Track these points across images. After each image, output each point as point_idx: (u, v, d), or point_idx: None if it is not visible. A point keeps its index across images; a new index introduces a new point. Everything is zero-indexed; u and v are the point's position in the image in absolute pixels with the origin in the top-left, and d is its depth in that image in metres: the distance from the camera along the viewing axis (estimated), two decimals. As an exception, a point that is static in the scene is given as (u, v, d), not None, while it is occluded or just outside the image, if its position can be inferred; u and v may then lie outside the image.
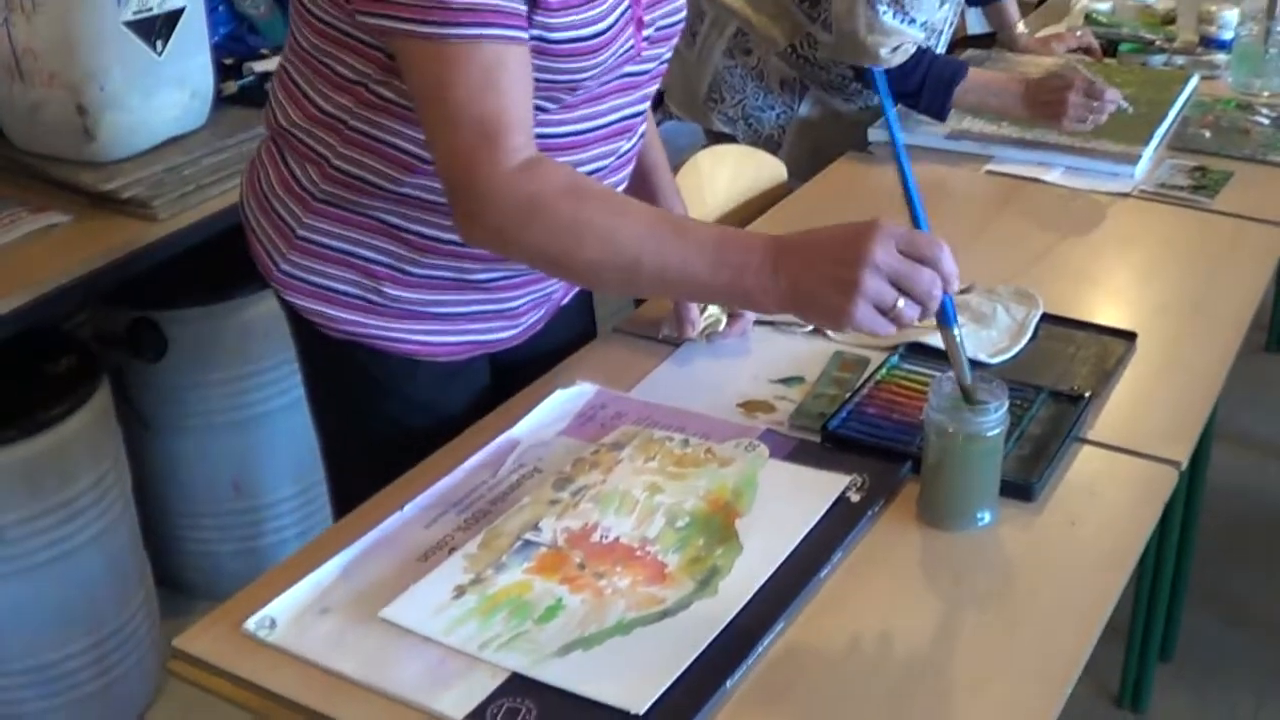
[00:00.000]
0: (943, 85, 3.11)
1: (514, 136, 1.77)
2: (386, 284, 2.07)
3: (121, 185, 2.99)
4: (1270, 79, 3.58)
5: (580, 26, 1.87)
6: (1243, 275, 2.61)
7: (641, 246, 1.75)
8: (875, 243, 1.67)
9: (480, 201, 1.77)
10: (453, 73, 1.76)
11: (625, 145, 2.12)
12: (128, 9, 2.98)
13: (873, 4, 3.04)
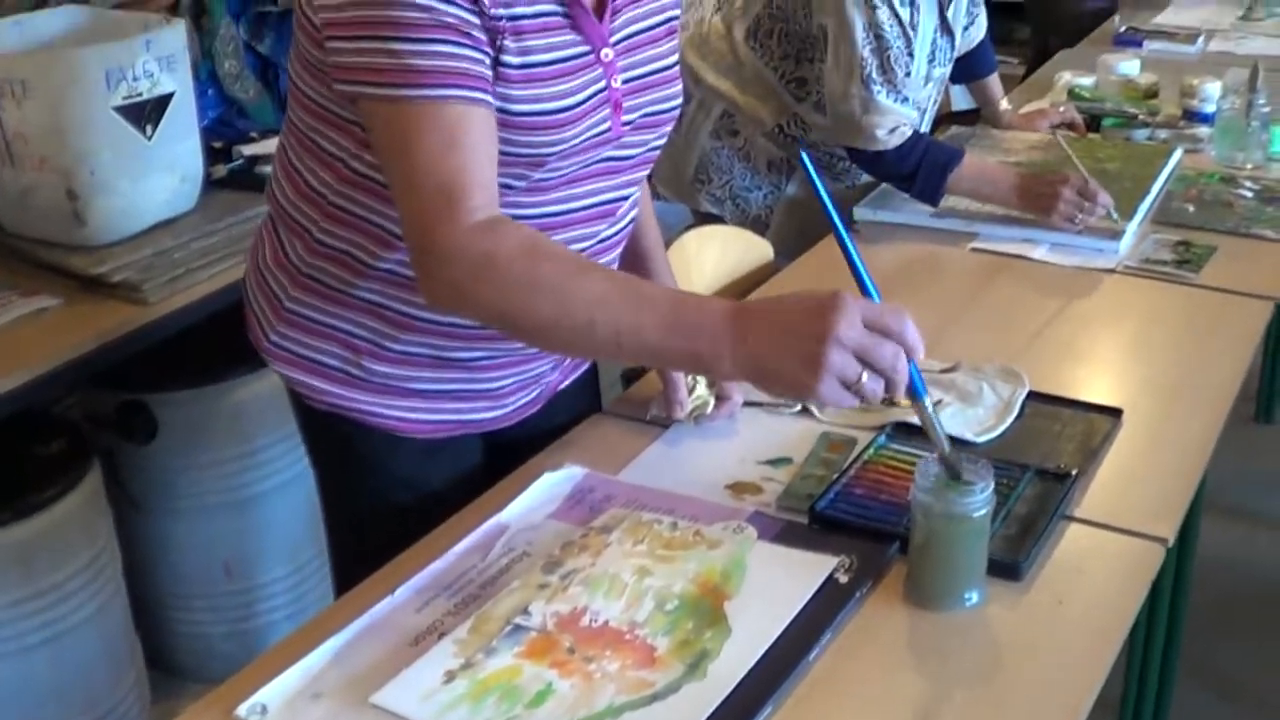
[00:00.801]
0: (938, 170, 3.14)
1: (474, 196, 1.78)
2: (367, 358, 2.10)
3: (112, 269, 2.99)
4: (1253, 152, 3.60)
5: (543, 100, 1.90)
6: (1228, 349, 2.63)
7: (595, 307, 1.74)
8: (840, 316, 1.66)
9: (437, 259, 1.79)
10: (415, 134, 1.79)
11: (606, 230, 2.13)
12: (118, 94, 3.00)
13: (868, 85, 3.07)
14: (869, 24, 3.04)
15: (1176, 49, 4.82)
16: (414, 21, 1.77)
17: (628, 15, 2.05)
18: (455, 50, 1.79)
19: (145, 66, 3.04)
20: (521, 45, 1.87)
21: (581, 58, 1.95)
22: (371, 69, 1.79)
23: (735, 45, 3.33)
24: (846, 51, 3.07)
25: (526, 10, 1.87)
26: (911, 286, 2.90)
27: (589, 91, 1.96)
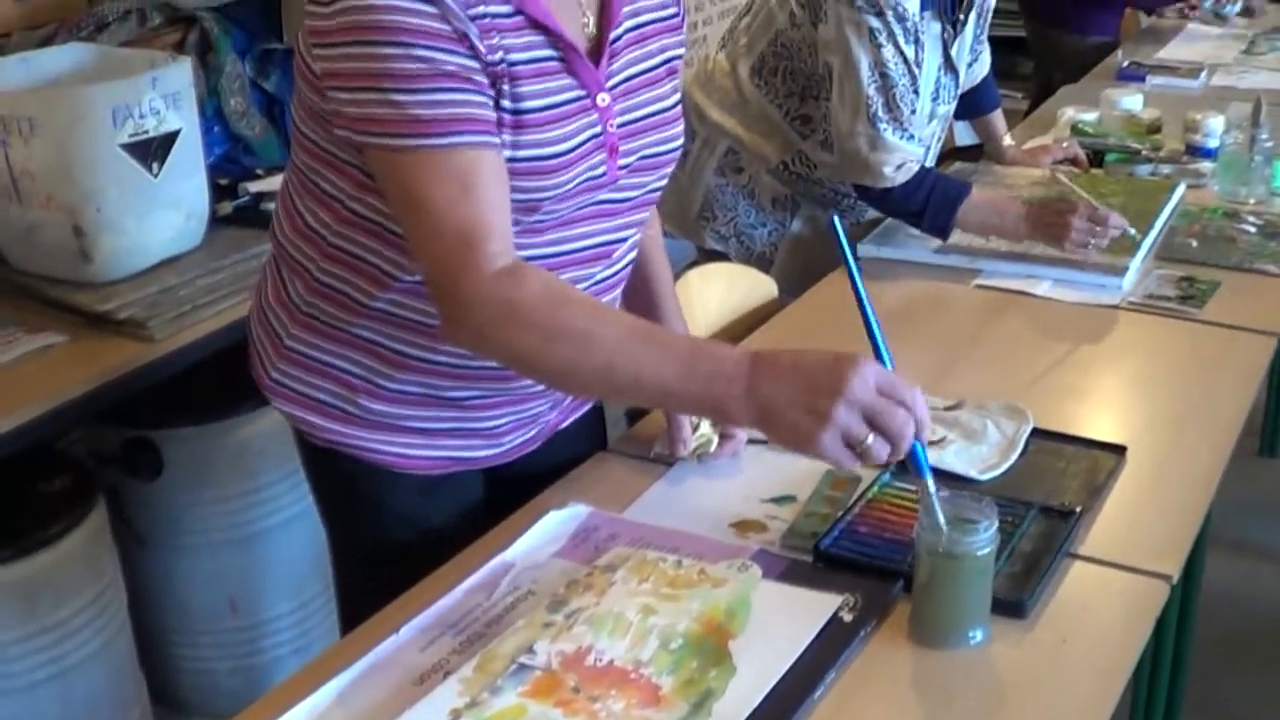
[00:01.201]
0: (947, 204, 3.15)
1: (493, 243, 1.82)
2: (363, 396, 2.11)
3: (117, 306, 3.00)
4: (1256, 187, 3.60)
5: (538, 146, 1.91)
6: (1232, 385, 2.63)
7: (615, 352, 1.79)
8: (855, 375, 1.71)
9: (463, 306, 1.82)
10: (428, 183, 1.81)
11: (602, 272, 2.13)
12: (124, 132, 3.01)
13: (874, 122, 3.08)
14: (874, 62, 3.05)
15: (1179, 83, 4.82)
16: (414, 73, 1.79)
17: (628, 58, 2.06)
18: (459, 96, 1.80)
19: (151, 104, 3.05)
20: (516, 91, 1.88)
21: (576, 102, 1.96)
22: (375, 120, 1.81)
23: (740, 82, 3.34)
24: (852, 89, 3.08)
25: (521, 56, 1.89)
26: (916, 323, 2.90)
27: (583, 136, 1.97)
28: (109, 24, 3.66)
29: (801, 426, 1.73)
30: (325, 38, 1.84)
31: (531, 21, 1.90)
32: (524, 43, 1.89)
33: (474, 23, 1.82)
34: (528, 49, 1.89)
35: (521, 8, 1.88)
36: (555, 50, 1.93)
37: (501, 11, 1.86)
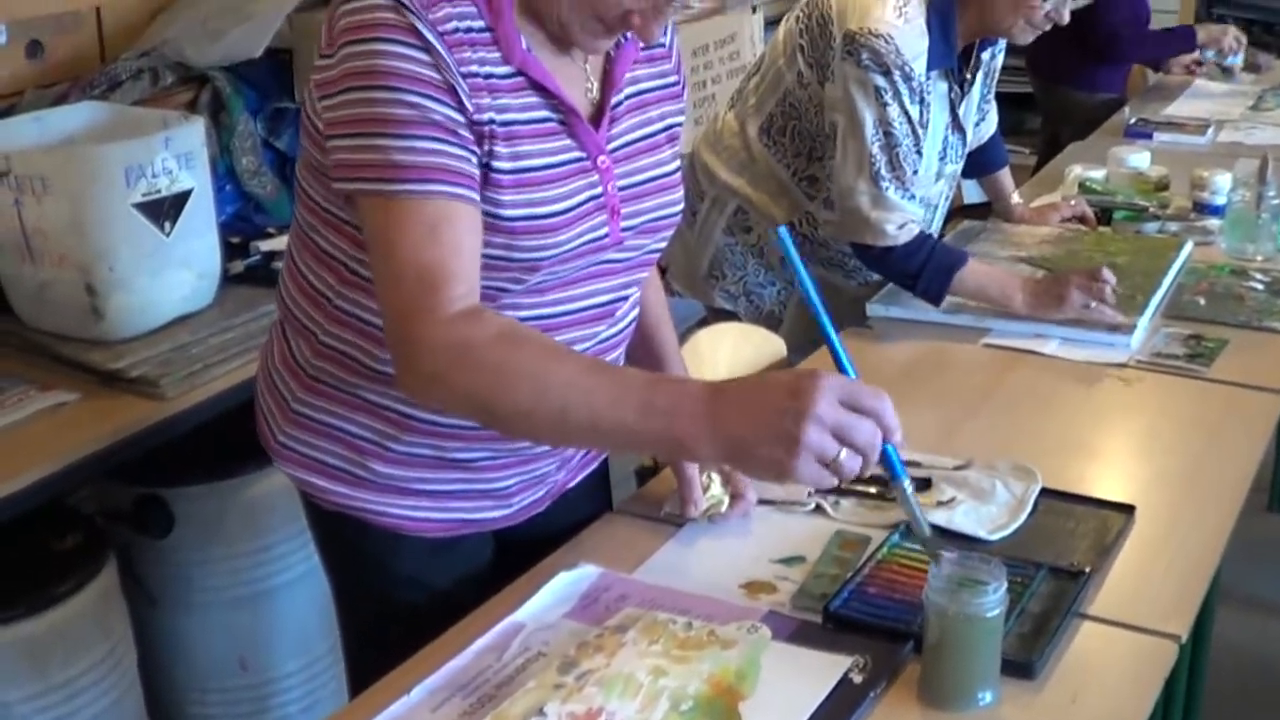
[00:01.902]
0: (943, 271, 3.15)
1: (454, 287, 1.81)
2: (372, 459, 2.12)
3: (129, 364, 3.01)
4: (1263, 244, 3.62)
5: (536, 205, 1.93)
6: (1240, 443, 2.64)
7: (570, 392, 1.76)
8: (818, 395, 1.67)
9: (415, 348, 1.82)
10: (398, 227, 1.83)
11: (606, 330, 2.15)
12: (136, 191, 3.03)
13: (876, 180, 3.09)
14: (879, 120, 3.07)
15: (1187, 140, 4.85)
16: (401, 118, 1.82)
17: (629, 123, 2.09)
18: (440, 147, 1.83)
19: (164, 164, 3.07)
20: (514, 150, 1.91)
21: (575, 163, 1.98)
22: (361, 165, 1.84)
23: (749, 142, 3.36)
24: (856, 146, 3.10)
25: (520, 116, 1.91)
26: (924, 383, 2.91)
27: (583, 196, 1.99)
28: (122, 82, 3.68)
29: (773, 458, 1.69)
30: (328, 88, 1.88)
31: (532, 83, 1.93)
32: (523, 103, 1.92)
33: (466, 80, 1.85)
34: (526, 110, 1.92)
35: (523, 69, 1.91)
36: (556, 113, 1.96)
37: (501, 72, 1.90)
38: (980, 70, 3.39)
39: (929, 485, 2.37)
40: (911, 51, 3.07)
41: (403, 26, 1.82)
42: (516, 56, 1.91)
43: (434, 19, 1.84)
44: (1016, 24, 3.16)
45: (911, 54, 3.07)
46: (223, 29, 3.84)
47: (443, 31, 1.84)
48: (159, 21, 4.02)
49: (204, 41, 3.83)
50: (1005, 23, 3.17)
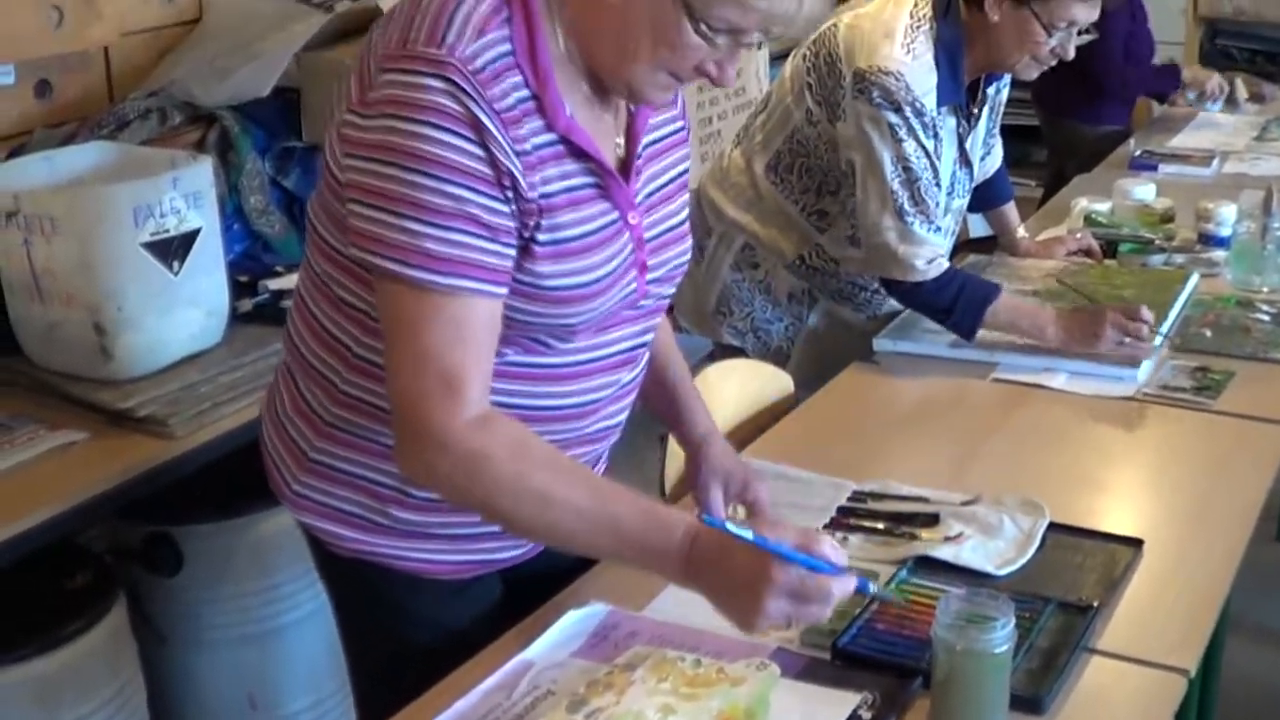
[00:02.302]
0: (976, 304, 3.16)
1: (473, 389, 1.85)
2: (392, 506, 2.11)
3: (138, 403, 3.01)
4: (1269, 275, 3.62)
5: (575, 274, 1.94)
6: (1247, 475, 2.65)
7: (577, 517, 1.86)
8: (769, 598, 1.80)
9: (434, 448, 1.85)
10: (425, 319, 1.84)
11: (627, 376, 2.17)
12: (145, 231, 3.03)
13: (901, 215, 3.11)
14: (896, 156, 3.09)
15: (1192, 172, 4.85)
16: (438, 208, 1.81)
17: (648, 173, 2.09)
18: (475, 241, 1.83)
19: (173, 203, 3.08)
20: (555, 221, 1.91)
21: (611, 226, 1.99)
22: (389, 243, 1.83)
23: (756, 179, 3.37)
24: (877, 184, 3.12)
25: (560, 185, 1.91)
26: (932, 418, 2.92)
27: (620, 259, 2.00)
28: (130, 122, 3.69)
29: (735, 621, 1.85)
30: (359, 149, 1.86)
31: (573, 150, 1.92)
32: (563, 171, 1.92)
33: (520, 159, 1.85)
34: (564, 178, 1.92)
35: (568, 136, 1.91)
36: (592, 176, 1.96)
37: (545, 140, 1.89)
38: (986, 105, 3.41)
39: (937, 521, 2.38)
40: (921, 87, 3.09)
41: (458, 115, 1.81)
42: (561, 123, 1.90)
43: (490, 97, 1.82)
44: (1022, 60, 3.18)
45: (921, 90, 3.08)
46: (230, 68, 3.85)
47: (499, 110, 1.83)
48: (167, 61, 4.03)
49: (212, 81, 3.84)
50: (1011, 59, 3.19)
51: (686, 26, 1.85)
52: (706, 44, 1.87)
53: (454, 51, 1.81)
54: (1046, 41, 3.11)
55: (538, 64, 1.87)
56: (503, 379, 1.98)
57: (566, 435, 2.09)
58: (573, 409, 2.09)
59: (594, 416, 2.13)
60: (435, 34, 1.82)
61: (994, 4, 3.10)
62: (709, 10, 1.84)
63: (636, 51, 1.89)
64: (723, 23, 1.85)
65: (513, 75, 1.85)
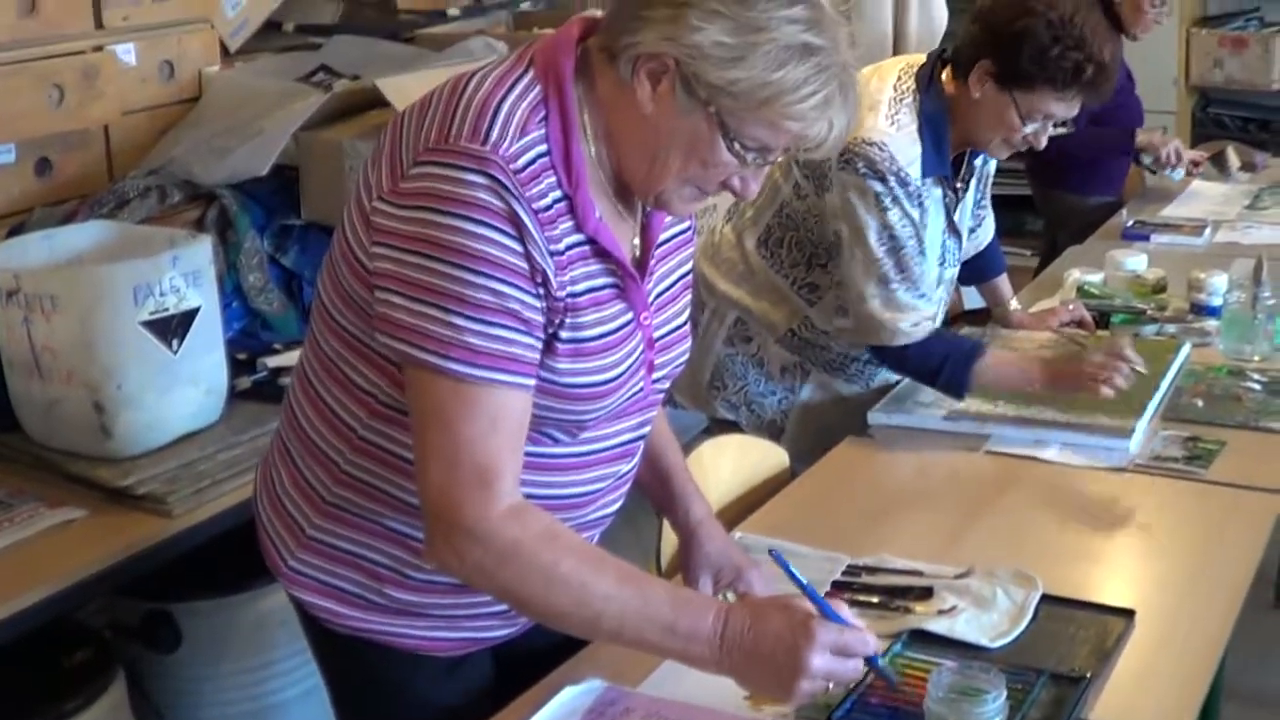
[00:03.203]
0: (963, 361, 3.19)
1: (505, 482, 1.88)
2: (389, 586, 2.12)
3: (137, 481, 3.02)
4: (1260, 344, 3.64)
5: (592, 373, 1.97)
6: (1238, 545, 2.66)
7: (607, 604, 1.89)
8: (813, 654, 1.87)
9: (465, 538, 1.87)
10: (461, 411, 1.86)
11: (625, 468, 2.19)
12: (145, 309, 3.05)
13: (886, 283, 3.14)
14: (882, 225, 3.12)
15: (1184, 241, 4.85)
16: (480, 302, 1.84)
17: (659, 273, 2.13)
18: (513, 335, 1.86)
19: (172, 282, 3.10)
20: (577, 320, 1.94)
21: (626, 326, 2.02)
22: (429, 335, 1.85)
23: (746, 254, 3.40)
24: (863, 253, 3.15)
25: (584, 285, 1.94)
26: (926, 491, 2.94)
27: (632, 360, 2.04)
28: (130, 200, 3.72)
29: (773, 693, 1.92)
30: (392, 238, 1.87)
31: (598, 250, 1.96)
32: (587, 272, 1.95)
33: (553, 258, 1.88)
34: (589, 278, 1.95)
35: (595, 237, 1.94)
36: (613, 277, 1.99)
37: (574, 240, 1.92)
38: (974, 176, 3.44)
39: (930, 594, 2.40)
40: (905, 157, 3.12)
41: (499, 212, 1.84)
42: (590, 225, 1.93)
43: (530, 196, 1.85)
44: (995, 141, 3.21)
45: (906, 160, 3.12)
46: (229, 147, 3.88)
47: (537, 209, 1.86)
48: (166, 140, 4.07)
49: (211, 159, 3.87)
50: (985, 137, 3.22)
51: (720, 145, 1.89)
52: (738, 161, 1.91)
53: (498, 149, 1.84)
54: (1021, 129, 3.14)
55: (571, 166, 1.90)
56: None
57: (567, 523, 2.10)
58: (574, 498, 2.12)
59: (593, 505, 2.16)
60: (479, 130, 1.85)
61: (978, 81, 3.13)
62: (743, 130, 1.88)
63: (667, 164, 1.92)
64: (755, 142, 1.90)
65: (549, 176, 1.88)
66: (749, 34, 1.82)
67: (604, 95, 1.94)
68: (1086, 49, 3.03)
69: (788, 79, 1.84)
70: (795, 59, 1.84)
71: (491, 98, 1.88)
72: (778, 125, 1.87)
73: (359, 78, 4.23)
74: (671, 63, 1.84)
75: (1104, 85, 3.10)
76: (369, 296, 1.92)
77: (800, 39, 1.84)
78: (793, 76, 1.84)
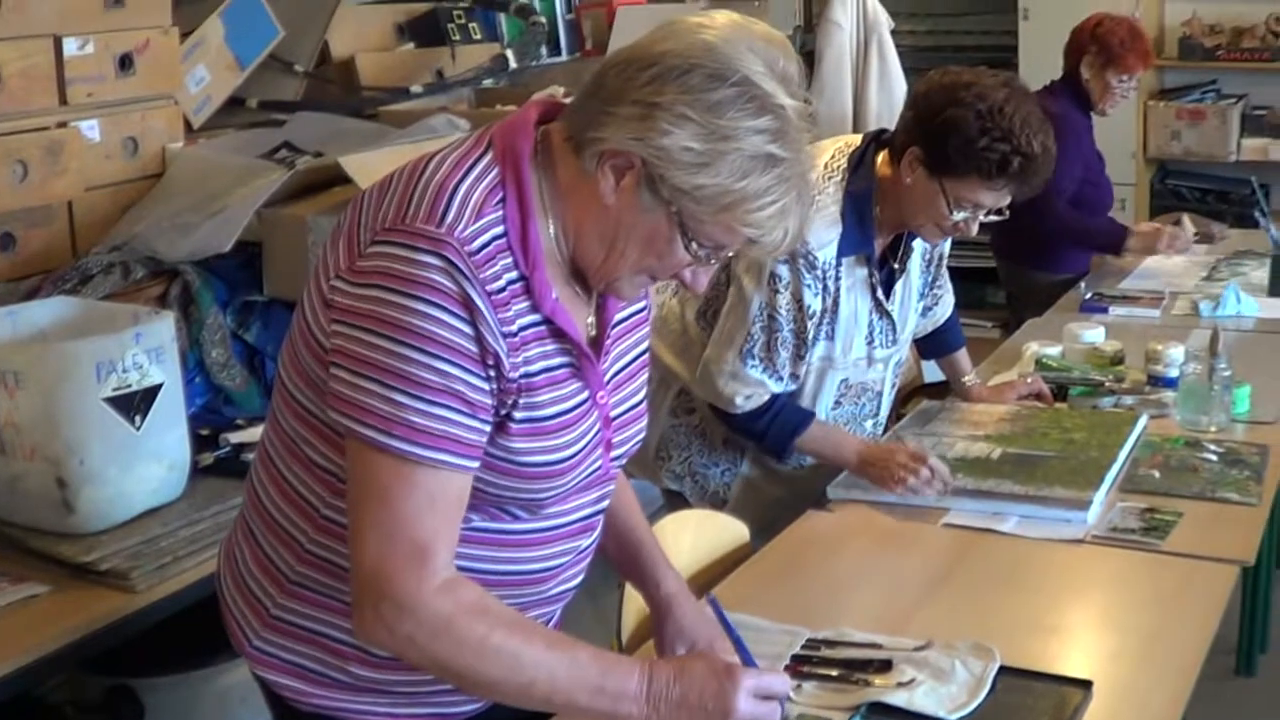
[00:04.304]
0: (786, 433, 3.29)
1: (440, 557, 1.90)
2: (353, 663, 2.13)
3: (100, 557, 3.02)
4: (1216, 415, 3.66)
5: (548, 452, 1.99)
6: (1194, 615, 2.68)
7: (536, 672, 1.91)
8: (739, 698, 1.94)
9: (397, 611, 1.89)
10: (400, 489, 1.88)
11: (585, 542, 2.21)
12: (107, 386, 3.06)
13: (744, 358, 3.22)
14: (766, 303, 3.19)
15: (1142, 313, 4.87)
16: (425, 382, 1.86)
17: (616, 352, 2.15)
18: (456, 417, 1.88)
19: (135, 359, 3.10)
20: (532, 400, 1.96)
21: (583, 405, 2.04)
22: (372, 411, 1.87)
23: (687, 325, 3.46)
24: (738, 322, 3.23)
25: (540, 365, 1.97)
26: (884, 565, 2.96)
27: (589, 437, 2.06)
28: (93, 276, 3.73)
29: None
30: (347, 315, 1.90)
31: (554, 330, 1.98)
32: (542, 352, 1.97)
33: (506, 340, 1.90)
34: (545, 358, 1.98)
35: (552, 317, 1.96)
36: (568, 356, 2.01)
37: (529, 321, 1.95)
38: (922, 258, 3.47)
39: (890, 666, 2.41)
40: (817, 241, 3.17)
41: (452, 294, 1.86)
42: (547, 306, 1.96)
43: (484, 278, 1.88)
44: (926, 225, 3.25)
45: (817, 243, 3.17)
46: (192, 224, 3.90)
47: (490, 291, 1.88)
48: (129, 216, 4.08)
49: (174, 236, 3.89)
50: (915, 221, 3.27)
51: (678, 243, 1.93)
52: (692, 259, 1.94)
53: (453, 231, 1.87)
54: (949, 216, 3.17)
55: (528, 248, 1.92)
56: (469, 544, 2.03)
57: (528, 598, 2.14)
58: (535, 574, 2.14)
59: (554, 580, 2.18)
60: (435, 212, 1.88)
61: (909, 167, 3.17)
62: (702, 231, 1.92)
63: (624, 254, 1.96)
64: (712, 242, 1.93)
65: (505, 257, 1.90)
66: (717, 141, 1.85)
67: (564, 181, 1.96)
68: (1014, 141, 3.06)
69: (750, 188, 1.87)
70: (759, 169, 1.87)
71: (449, 180, 1.91)
72: (735, 230, 1.91)
73: (322, 154, 4.26)
74: (638, 161, 1.87)
75: (1032, 177, 3.13)
76: (326, 375, 1.94)
77: (765, 150, 1.87)
78: (755, 186, 1.87)
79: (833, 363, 3.34)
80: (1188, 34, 7.86)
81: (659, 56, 1.87)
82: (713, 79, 1.85)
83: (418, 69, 5.47)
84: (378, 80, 5.26)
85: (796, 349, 3.24)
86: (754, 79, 1.86)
